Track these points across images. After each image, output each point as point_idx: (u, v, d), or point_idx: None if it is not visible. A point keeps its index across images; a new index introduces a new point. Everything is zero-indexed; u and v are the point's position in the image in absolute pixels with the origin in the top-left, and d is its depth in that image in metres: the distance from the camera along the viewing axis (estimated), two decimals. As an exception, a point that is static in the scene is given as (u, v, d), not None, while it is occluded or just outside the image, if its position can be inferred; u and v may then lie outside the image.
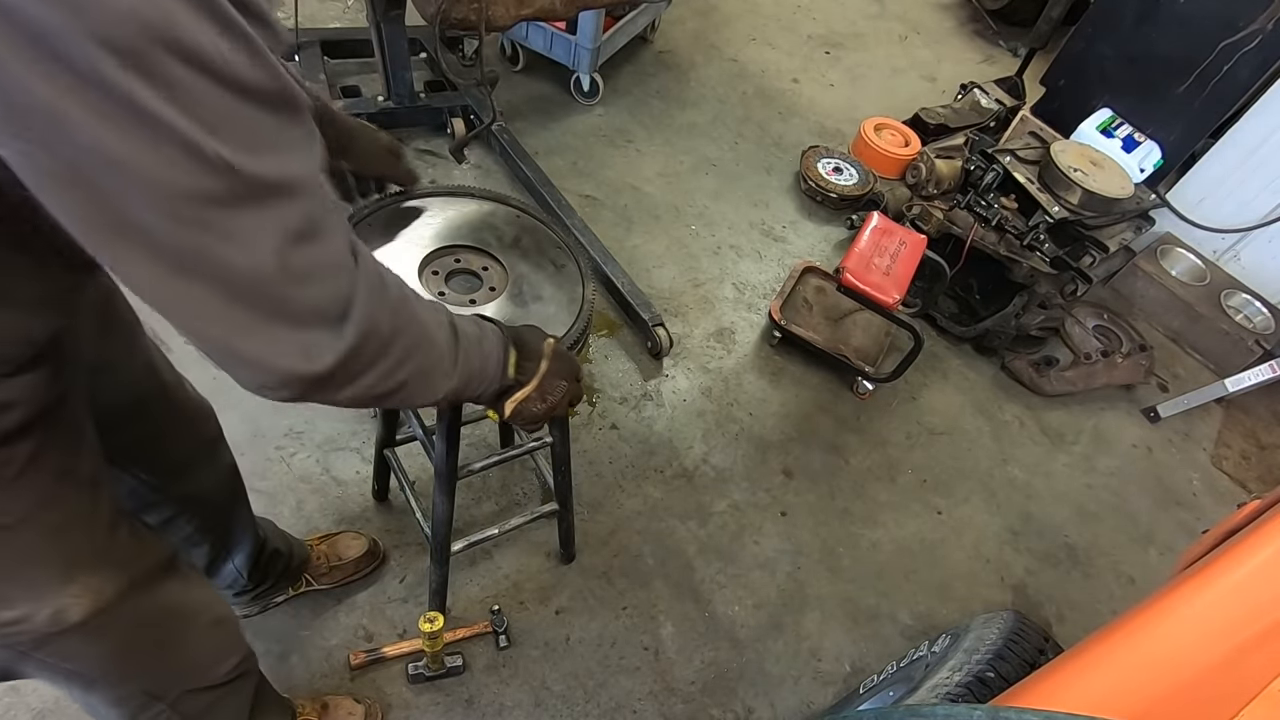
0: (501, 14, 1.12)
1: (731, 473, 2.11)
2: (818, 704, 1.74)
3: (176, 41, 0.43)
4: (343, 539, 1.69)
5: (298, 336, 0.58)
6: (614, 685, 1.67)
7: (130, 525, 0.87)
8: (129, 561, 0.85)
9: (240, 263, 0.51)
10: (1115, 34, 2.93)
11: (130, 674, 0.91)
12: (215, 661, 1.05)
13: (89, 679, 0.87)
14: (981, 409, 2.49)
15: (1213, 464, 2.56)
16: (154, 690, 0.96)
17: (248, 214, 0.50)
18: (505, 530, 1.60)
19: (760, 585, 1.91)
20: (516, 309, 1.21)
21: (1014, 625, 1.45)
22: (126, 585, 0.83)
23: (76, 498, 0.78)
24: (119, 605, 0.82)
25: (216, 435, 1.24)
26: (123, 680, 0.90)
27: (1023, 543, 2.18)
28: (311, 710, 1.43)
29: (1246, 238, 2.91)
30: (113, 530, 0.83)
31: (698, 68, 3.48)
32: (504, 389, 0.92)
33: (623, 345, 2.33)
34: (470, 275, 1.25)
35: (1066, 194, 2.56)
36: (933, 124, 3.25)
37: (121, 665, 0.89)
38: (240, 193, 0.49)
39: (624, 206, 2.75)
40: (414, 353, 0.69)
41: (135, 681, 0.92)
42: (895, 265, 2.20)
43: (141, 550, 0.88)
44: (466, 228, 1.29)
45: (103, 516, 0.81)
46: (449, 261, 1.24)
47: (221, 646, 1.06)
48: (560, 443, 1.48)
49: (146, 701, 0.96)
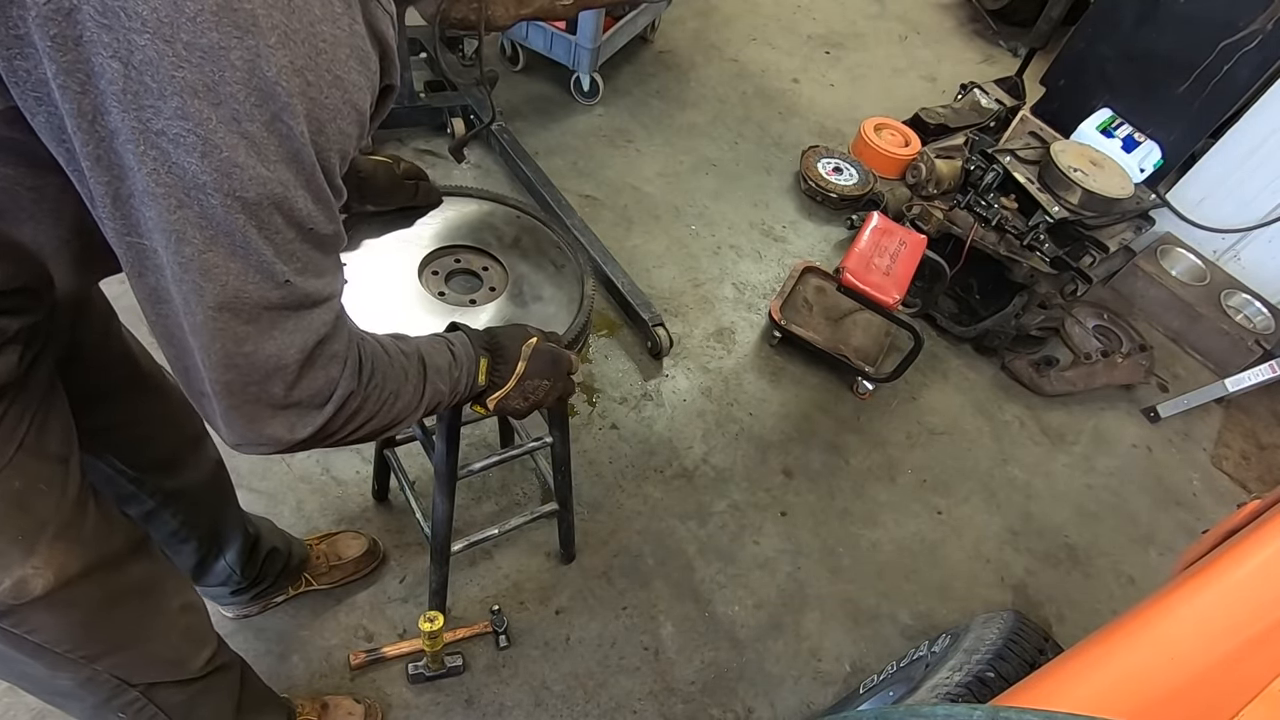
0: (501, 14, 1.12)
1: (731, 473, 2.11)
2: (818, 704, 1.74)
3: (285, 205, 0.59)
4: (342, 539, 1.69)
5: (289, 414, 0.70)
6: (614, 685, 1.67)
7: (100, 505, 0.88)
8: (96, 539, 0.86)
9: (270, 351, 0.64)
10: (1115, 34, 2.93)
11: (98, 653, 0.91)
12: (188, 651, 1.05)
13: (55, 656, 0.87)
14: (981, 409, 2.49)
15: (1213, 464, 2.56)
16: (124, 675, 0.96)
17: (291, 318, 0.65)
18: (505, 530, 1.60)
19: (760, 585, 1.91)
20: (517, 309, 1.21)
21: (1014, 625, 1.45)
22: (93, 562, 0.84)
23: (42, 470, 0.79)
24: (84, 581, 0.83)
25: (200, 431, 1.24)
26: (90, 659, 0.90)
27: (1023, 543, 2.18)
28: (311, 710, 1.43)
29: (1246, 238, 2.91)
30: (80, 507, 0.84)
31: (698, 68, 3.48)
32: (479, 394, 0.99)
33: (623, 345, 2.33)
34: (470, 275, 1.25)
35: (1066, 194, 2.56)
36: (933, 124, 3.25)
37: (88, 643, 0.89)
38: (290, 302, 0.64)
39: (624, 206, 2.75)
40: (381, 408, 0.80)
41: (103, 661, 0.92)
42: (895, 265, 2.20)
43: (110, 529, 0.89)
44: (466, 228, 1.29)
45: (71, 493, 0.82)
46: (449, 261, 1.24)
47: (192, 634, 1.06)
48: (560, 443, 1.48)
49: (117, 687, 0.96)
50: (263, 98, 0.54)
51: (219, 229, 0.57)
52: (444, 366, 0.90)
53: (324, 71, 0.57)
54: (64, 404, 0.85)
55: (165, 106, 0.51)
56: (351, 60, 0.60)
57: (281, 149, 0.56)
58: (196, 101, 0.52)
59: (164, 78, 0.50)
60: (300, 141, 0.57)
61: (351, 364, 0.74)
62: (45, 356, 0.81)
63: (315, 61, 0.56)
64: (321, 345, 0.68)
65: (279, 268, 0.61)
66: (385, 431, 0.84)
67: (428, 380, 0.87)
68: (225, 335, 0.62)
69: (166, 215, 0.55)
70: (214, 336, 0.61)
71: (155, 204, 0.55)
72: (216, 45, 0.51)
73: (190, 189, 0.54)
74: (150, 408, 1.12)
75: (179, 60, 0.50)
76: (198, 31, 0.50)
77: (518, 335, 1.00)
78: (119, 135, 0.52)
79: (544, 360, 1.01)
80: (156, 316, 0.62)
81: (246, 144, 0.54)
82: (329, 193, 0.63)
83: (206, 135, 0.53)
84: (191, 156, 0.53)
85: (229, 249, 0.58)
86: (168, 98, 0.51)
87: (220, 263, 0.58)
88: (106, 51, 0.49)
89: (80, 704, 0.98)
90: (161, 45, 0.49)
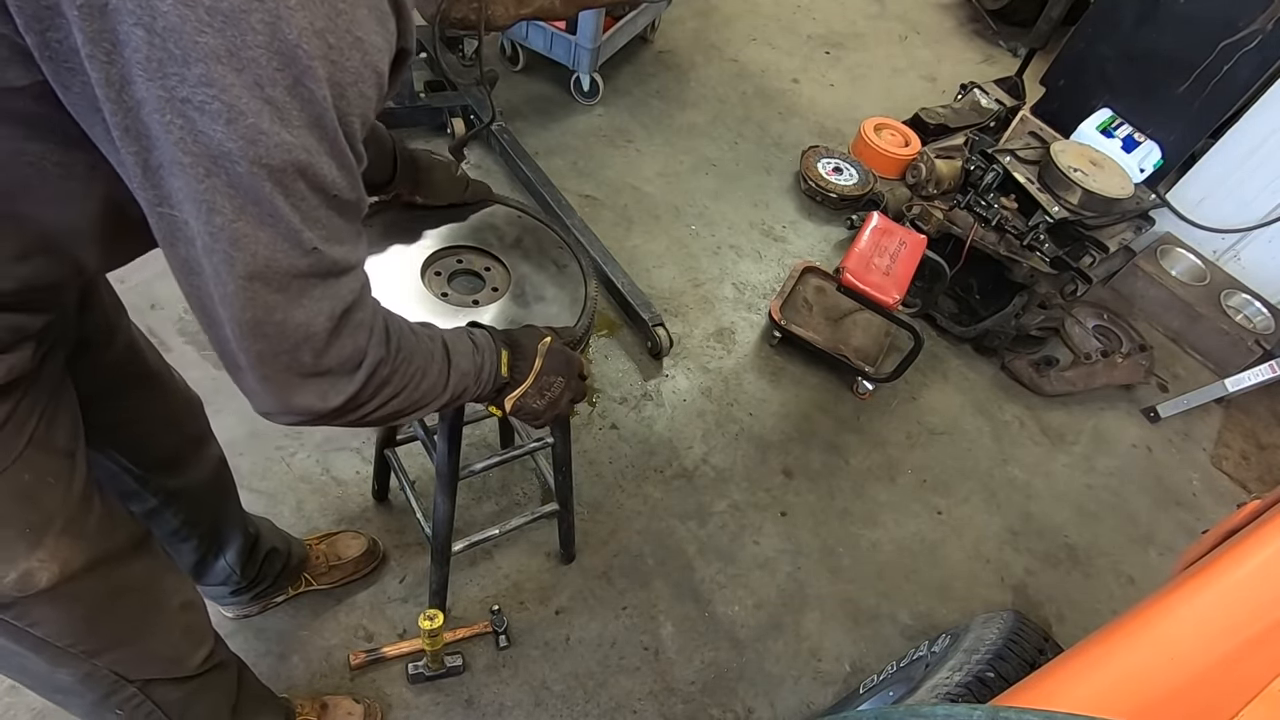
0: (501, 14, 1.12)
1: (731, 473, 2.12)
2: (818, 704, 1.74)
3: (310, 170, 0.59)
4: (342, 539, 1.69)
5: (320, 382, 0.70)
6: (614, 685, 1.67)
7: (104, 501, 0.88)
8: (100, 534, 0.86)
9: (299, 319, 0.65)
10: (1115, 34, 2.93)
11: (98, 649, 0.91)
12: (187, 648, 1.05)
13: (56, 651, 0.87)
14: (981, 409, 2.49)
15: (1213, 464, 2.56)
16: (123, 671, 0.96)
17: (319, 286, 0.65)
18: (506, 530, 1.60)
19: (760, 585, 1.91)
20: (519, 309, 1.21)
21: (1014, 625, 1.45)
22: (97, 557, 0.85)
23: (50, 464, 0.79)
24: (88, 576, 0.84)
25: (204, 430, 1.25)
26: (90, 654, 0.91)
27: (1023, 543, 2.18)
28: (311, 710, 1.43)
29: (1246, 238, 2.91)
30: (86, 502, 0.84)
31: (698, 68, 3.48)
32: (500, 388, 0.99)
33: (623, 345, 2.33)
34: (473, 275, 1.25)
35: (1066, 194, 2.56)
36: (933, 124, 3.25)
37: (89, 638, 0.89)
38: (319, 270, 0.64)
39: (624, 206, 2.75)
40: (409, 383, 0.80)
41: (103, 657, 0.93)
42: (895, 265, 2.20)
43: (114, 525, 0.90)
44: (468, 228, 1.29)
45: (76, 488, 0.83)
46: (451, 262, 1.24)
47: (191, 632, 1.07)
48: (561, 443, 1.48)
49: (116, 683, 0.96)
50: (285, 61, 0.53)
51: (247, 197, 0.57)
52: (467, 352, 0.91)
53: (344, 33, 0.56)
54: (72, 398, 0.86)
55: (189, 74, 0.51)
56: (371, 21, 0.59)
57: (304, 114, 0.56)
58: (219, 67, 0.51)
59: (187, 44, 0.50)
60: (323, 106, 0.57)
61: (378, 333, 0.74)
62: (57, 351, 0.82)
63: (335, 23, 0.55)
64: (349, 313, 0.69)
65: (306, 235, 0.61)
66: (412, 412, 0.84)
67: (452, 364, 0.87)
68: (256, 304, 0.62)
69: (195, 185, 0.55)
70: (245, 306, 0.62)
71: (183, 173, 0.55)
72: (237, 9, 0.50)
73: (217, 157, 0.54)
74: (155, 405, 1.12)
75: (201, 25, 0.50)
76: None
77: (532, 334, 1.03)
78: (145, 105, 0.52)
79: (559, 359, 1.03)
80: (190, 288, 0.63)
81: (270, 110, 0.54)
82: (351, 158, 0.63)
83: (230, 102, 0.52)
84: (217, 124, 0.53)
85: (258, 218, 0.58)
86: (191, 64, 0.51)
87: (250, 231, 0.58)
88: (131, 19, 0.49)
89: (79, 700, 0.98)
90: (184, 10, 0.49)
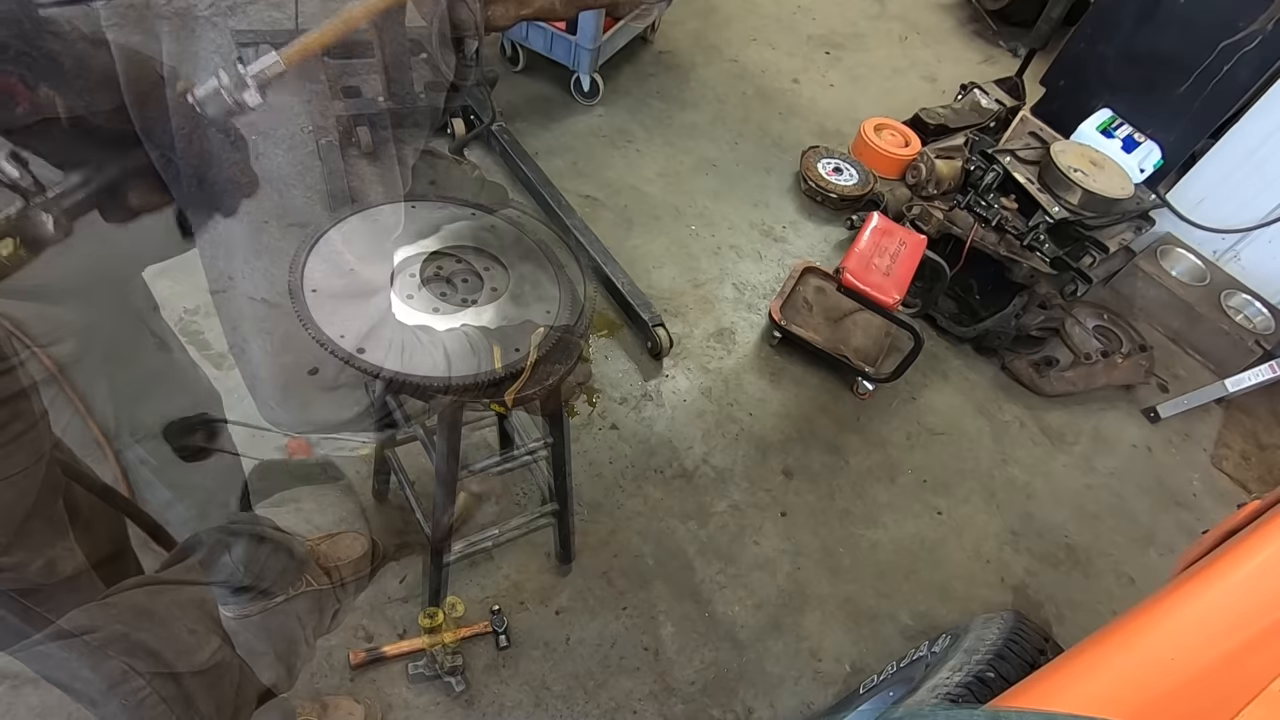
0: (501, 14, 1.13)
1: (731, 473, 2.11)
2: (818, 704, 1.74)
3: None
4: (342, 539, 1.69)
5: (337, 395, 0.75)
6: (614, 685, 1.67)
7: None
8: (121, 528, 0.89)
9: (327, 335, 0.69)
10: (1115, 34, 2.93)
11: (111, 639, 0.92)
12: (195, 643, 1.06)
13: (71, 638, 0.88)
14: (981, 409, 2.49)
15: (1213, 464, 2.56)
16: (133, 663, 0.97)
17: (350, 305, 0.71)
18: (505, 531, 1.60)
19: (760, 585, 1.91)
20: (518, 309, 1.21)
21: (1014, 625, 1.45)
22: (118, 549, 0.87)
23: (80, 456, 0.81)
24: (108, 566, 0.86)
25: (219, 427, 1.26)
26: (103, 644, 0.92)
27: (1023, 543, 2.18)
28: (311, 710, 1.43)
29: (1246, 238, 2.91)
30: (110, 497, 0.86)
31: (698, 68, 3.48)
32: (496, 382, 1.03)
33: (623, 345, 2.33)
34: (473, 276, 1.25)
35: (1066, 194, 2.56)
36: (933, 124, 3.25)
37: (103, 628, 0.90)
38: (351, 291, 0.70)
39: (624, 207, 2.75)
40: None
41: (115, 647, 0.93)
42: (895, 265, 2.20)
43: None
44: (468, 229, 1.30)
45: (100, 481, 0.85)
46: (451, 263, 1.24)
47: (201, 627, 1.07)
48: (559, 444, 1.48)
49: (125, 674, 0.97)
50: None
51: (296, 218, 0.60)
52: (464, 352, 0.98)
53: None
54: (106, 391, 0.88)
55: None
56: None
57: None
58: None
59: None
60: None
61: (394, 350, 0.80)
62: (94, 345, 0.85)
63: None
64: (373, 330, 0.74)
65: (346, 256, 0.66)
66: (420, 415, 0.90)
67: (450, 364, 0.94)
68: (288, 319, 0.66)
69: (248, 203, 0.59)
70: (278, 320, 0.64)
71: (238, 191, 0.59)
72: None
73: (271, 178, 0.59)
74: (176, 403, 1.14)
75: None
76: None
77: (525, 328, 1.09)
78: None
79: (554, 346, 1.09)
80: (222, 300, 0.66)
81: None
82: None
83: None
84: None
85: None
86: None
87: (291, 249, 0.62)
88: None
89: (87, 689, 0.98)
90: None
